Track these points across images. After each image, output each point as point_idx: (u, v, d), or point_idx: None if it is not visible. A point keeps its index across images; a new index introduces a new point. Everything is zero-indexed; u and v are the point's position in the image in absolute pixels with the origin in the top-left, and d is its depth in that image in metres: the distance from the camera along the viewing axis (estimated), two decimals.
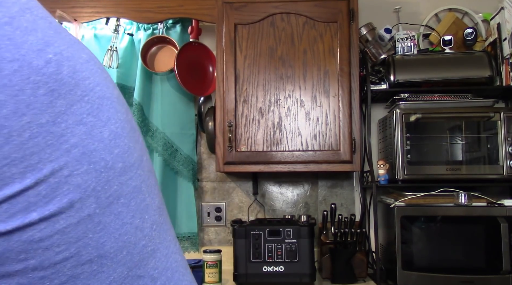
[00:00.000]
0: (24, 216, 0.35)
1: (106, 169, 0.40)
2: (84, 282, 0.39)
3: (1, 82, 0.33)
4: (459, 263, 1.93)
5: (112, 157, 0.41)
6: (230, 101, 2.08)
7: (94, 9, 2.29)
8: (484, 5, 2.40)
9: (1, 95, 0.33)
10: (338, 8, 2.09)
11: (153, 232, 0.45)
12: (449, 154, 2.04)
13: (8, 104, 0.34)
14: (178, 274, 0.48)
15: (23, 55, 0.34)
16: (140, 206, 0.44)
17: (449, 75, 2.11)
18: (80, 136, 0.38)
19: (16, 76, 0.34)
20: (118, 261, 0.41)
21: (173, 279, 0.47)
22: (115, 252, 0.41)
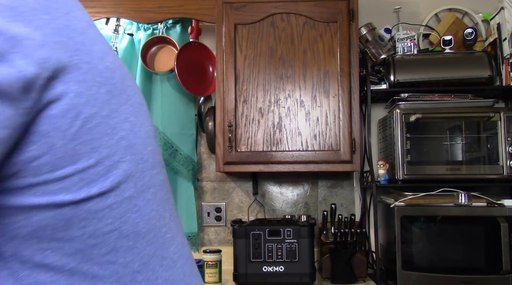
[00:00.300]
0: (88, 190, 0.44)
1: (142, 161, 0.50)
2: (122, 255, 0.48)
3: (80, 77, 0.44)
4: (459, 263, 1.93)
5: (146, 152, 0.51)
6: (230, 101, 2.08)
7: (94, 9, 2.29)
8: (484, 5, 2.40)
9: (81, 88, 0.44)
10: (338, 8, 2.09)
11: (171, 222, 0.55)
12: (449, 154, 2.04)
13: (84, 96, 0.44)
14: (191, 261, 0.59)
15: (92, 59, 0.46)
16: (164, 198, 0.53)
17: (449, 75, 2.11)
18: (126, 131, 0.48)
19: (88, 75, 0.44)
20: (148, 241, 0.50)
21: (187, 264, 0.57)
22: (145, 232, 0.50)
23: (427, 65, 2.14)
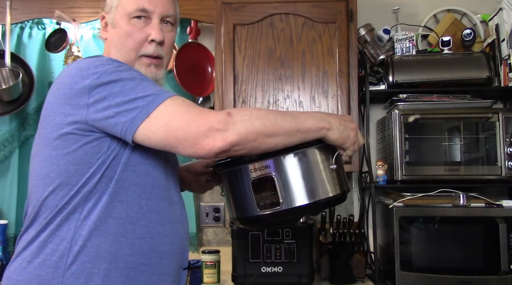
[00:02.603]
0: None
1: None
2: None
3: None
4: (458, 263, 1.93)
5: None
6: (229, 102, 2.08)
7: (92, 9, 2.29)
8: (483, 6, 2.40)
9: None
10: (337, 9, 2.09)
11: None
12: (448, 155, 2.04)
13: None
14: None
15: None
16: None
17: (448, 76, 2.11)
18: None
19: None
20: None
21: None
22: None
23: (425, 66, 2.14)
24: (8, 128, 2.36)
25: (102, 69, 1.00)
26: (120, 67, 1.03)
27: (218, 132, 0.93)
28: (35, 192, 1.06)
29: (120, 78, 0.99)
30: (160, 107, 0.96)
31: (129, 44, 1.14)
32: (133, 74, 1.02)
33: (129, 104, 0.97)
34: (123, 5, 1.15)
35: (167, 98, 0.97)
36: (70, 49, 2.30)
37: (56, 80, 1.09)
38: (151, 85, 1.01)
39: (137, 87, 0.98)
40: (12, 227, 2.33)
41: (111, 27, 1.17)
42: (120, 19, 1.15)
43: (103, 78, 0.99)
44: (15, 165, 2.35)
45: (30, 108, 2.38)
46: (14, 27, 2.35)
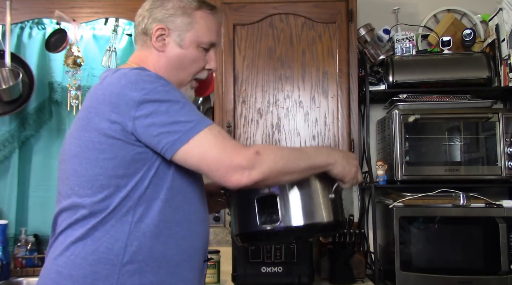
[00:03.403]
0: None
1: None
2: None
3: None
4: (458, 263, 1.93)
5: None
6: (229, 102, 2.08)
7: (92, 9, 2.29)
8: (483, 6, 2.40)
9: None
10: (337, 9, 2.09)
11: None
12: (448, 155, 2.04)
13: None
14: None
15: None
16: None
17: (448, 76, 2.11)
18: None
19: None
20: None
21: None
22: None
23: (425, 66, 2.14)
24: (8, 128, 2.36)
25: (151, 86, 1.07)
26: (166, 86, 1.10)
27: (245, 170, 1.04)
28: (78, 191, 1.12)
29: (167, 99, 1.07)
30: (200, 135, 1.05)
31: (192, 69, 1.26)
32: (178, 96, 1.09)
33: (172, 127, 1.05)
34: (198, 33, 1.24)
35: (206, 126, 1.07)
36: (70, 49, 2.30)
37: (98, 86, 1.15)
38: (193, 110, 1.09)
39: (181, 110, 1.07)
40: (12, 227, 2.33)
41: (176, 46, 1.23)
42: (190, 44, 1.23)
43: (151, 96, 1.06)
44: (15, 165, 2.36)
45: (30, 108, 2.39)
46: (14, 27, 2.36)
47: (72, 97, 2.32)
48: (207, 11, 1.26)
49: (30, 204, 2.41)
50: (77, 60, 2.30)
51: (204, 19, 1.25)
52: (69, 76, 2.33)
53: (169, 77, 1.22)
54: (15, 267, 2.26)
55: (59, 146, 2.43)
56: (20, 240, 2.31)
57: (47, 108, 2.43)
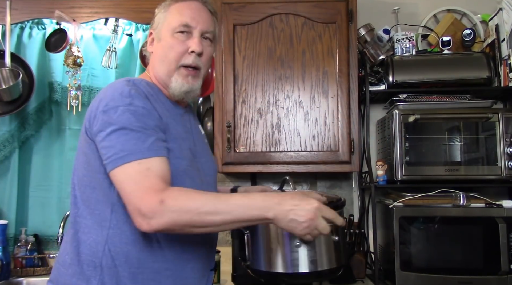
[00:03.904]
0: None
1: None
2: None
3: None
4: (458, 263, 1.93)
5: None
6: (229, 102, 2.08)
7: (92, 9, 2.29)
8: (483, 6, 2.40)
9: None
10: (337, 9, 2.09)
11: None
12: (448, 155, 2.04)
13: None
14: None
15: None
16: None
17: (448, 76, 2.11)
18: None
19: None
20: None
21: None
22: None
23: (425, 66, 2.14)
24: (8, 128, 2.36)
25: (114, 103, 1.11)
26: (129, 106, 1.11)
27: (144, 218, 1.02)
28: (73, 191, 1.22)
29: (116, 122, 1.09)
30: (125, 166, 1.06)
31: (171, 55, 1.24)
32: (131, 120, 1.09)
33: (109, 149, 1.09)
34: (168, 21, 1.26)
35: (136, 160, 1.06)
36: (70, 49, 2.30)
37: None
38: (134, 139, 1.08)
39: (125, 135, 1.08)
40: (12, 227, 2.33)
41: (157, 41, 1.28)
42: (165, 34, 1.26)
43: (106, 115, 1.11)
44: (15, 165, 2.36)
45: (30, 108, 2.39)
46: (14, 27, 2.36)
47: (72, 97, 2.32)
48: (181, 1, 1.28)
49: (30, 204, 2.41)
50: (77, 60, 2.30)
51: (177, 8, 1.27)
52: (69, 76, 2.33)
53: (158, 72, 1.27)
54: (15, 267, 2.26)
55: (59, 146, 2.43)
56: (20, 240, 2.31)
57: (47, 108, 2.43)
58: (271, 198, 1.05)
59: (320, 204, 1.05)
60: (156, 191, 1.03)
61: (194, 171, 1.23)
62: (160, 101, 1.22)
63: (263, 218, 1.04)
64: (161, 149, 1.11)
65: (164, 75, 1.26)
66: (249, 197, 1.07)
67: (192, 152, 1.25)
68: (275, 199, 1.04)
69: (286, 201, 1.03)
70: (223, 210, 1.03)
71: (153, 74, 1.29)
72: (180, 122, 1.26)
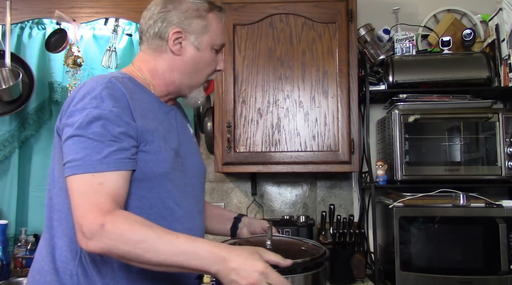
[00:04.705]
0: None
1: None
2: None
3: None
4: (458, 263, 1.93)
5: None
6: (229, 102, 2.08)
7: (92, 9, 2.29)
8: (483, 6, 2.40)
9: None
10: (337, 9, 2.09)
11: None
12: (448, 155, 2.04)
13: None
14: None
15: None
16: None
17: (448, 76, 2.11)
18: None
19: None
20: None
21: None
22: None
23: (425, 66, 2.14)
24: (8, 128, 2.36)
25: (84, 106, 1.05)
26: (93, 110, 1.04)
27: (84, 237, 0.96)
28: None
29: (79, 128, 1.03)
30: (78, 177, 1.00)
31: (207, 71, 1.26)
32: (92, 127, 1.03)
33: (65, 155, 1.04)
34: (213, 36, 1.24)
35: (91, 172, 1.00)
36: (70, 49, 2.30)
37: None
38: (90, 149, 1.02)
39: (81, 144, 1.03)
40: (12, 227, 2.33)
41: (194, 49, 1.23)
42: (206, 46, 1.23)
43: (71, 118, 1.06)
44: (15, 165, 2.36)
45: (30, 108, 2.39)
46: (14, 27, 2.36)
47: None
48: (217, 13, 1.26)
49: (30, 204, 2.41)
50: (77, 60, 2.30)
51: (215, 21, 1.25)
52: (69, 76, 2.33)
53: (182, 80, 1.23)
54: (15, 267, 2.26)
55: None
56: (20, 240, 2.31)
57: (47, 108, 2.43)
58: (219, 250, 0.96)
59: (267, 268, 0.95)
60: (101, 211, 0.97)
61: (177, 172, 1.18)
62: (141, 100, 1.15)
63: (205, 270, 0.97)
64: (119, 161, 1.03)
65: (187, 86, 1.25)
66: (195, 244, 0.97)
67: (177, 152, 1.19)
68: (222, 252, 0.96)
69: (232, 258, 0.95)
70: (165, 252, 0.95)
71: (168, 77, 1.23)
72: (164, 121, 1.21)
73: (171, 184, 1.15)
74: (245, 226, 1.49)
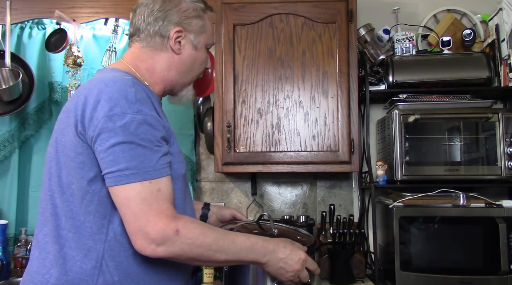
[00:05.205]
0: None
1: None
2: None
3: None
4: (458, 263, 1.93)
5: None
6: (229, 102, 2.08)
7: (92, 9, 2.29)
8: (483, 6, 2.40)
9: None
10: (337, 9, 2.09)
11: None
12: (448, 155, 2.04)
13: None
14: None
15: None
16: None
17: (448, 76, 2.11)
18: None
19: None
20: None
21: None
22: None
23: (425, 66, 2.14)
24: (8, 128, 2.36)
25: (121, 110, 1.02)
26: (137, 116, 1.02)
27: (153, 243, 0.98)
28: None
29: (124, 132, 1.01)
30: (132, 185, 1.00)
31: (200, 69, 1.31)
32: (139, 133, 1.02)
33: (112, 163, 1.00)
34: (208, 36, 1.29)
35: (145, 180, 1.00)
36: (70, 49, 2.30)
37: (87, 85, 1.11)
38: (142, 156, 1.01)
39: (131, 150, 1.01)
40: (12, 227, 2.33)
41: (192, 48, 1.25)
42: (203, 46, 1.28)
43: (114, 123, 1.01)
44: (15, 165, 2.36)
45: (30, 108, 2.39)
46: (14, 27, 2.36)
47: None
48: (209, 13, 1.30)
49: (30, 204, 2.42)
50: (77, 60, 2.30)
51: (209, 21, 1.29)
52: (69, 76, 2.33)
53: (178, 79, 1.25)
54: (15, 267, 2.26)
55: None
56: (20, 240, 2.31)
57: (47, 108, 2.43)
58: (268, 243, 1.12)
59: (306, 256, 1.17)
60: (169, 217, 1.00)
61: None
62: (157, 101, 1.16)
63: (258, 261, 1.11)
64: (167, 166, 1.05)
65: (180, 83, 1.26)
66: (251, 240, 1.10)
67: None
68: (270, 245, 1.12)
69: (280, 249, 1.13)
70: (230, 250, 1.06)
71: (165, 76, 1.23)
72: (167, 120, 1.20)
73: (184, 184, 1.20)
74: (214, 214, 1.56)
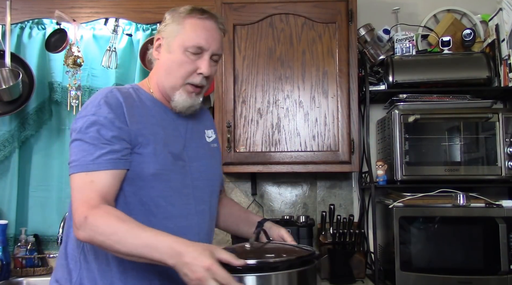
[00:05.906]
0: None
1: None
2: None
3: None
4: (458, 263, 1.93)
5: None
6: (229, 102, 2.08)
7: (93, 9, 2.29)
8: (483, 6, 2.40)
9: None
10: (337, 9, 2.09)
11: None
12: (448, 155, 2.04)
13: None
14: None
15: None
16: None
17: (448, 76, 2.11)
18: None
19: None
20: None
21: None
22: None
23: (425, 66, 2.14)
24: (8, 128, 2.36)
25: (85, 113, 1.20)
26: (90, 117, 1.18)
27: (75, 227, 1.11)
28: None
29: (78, 133, 1.18)
30: (75, 176, 1.15)
31: (180, 72, 1.27)
32: (88, 132, 1.17)
33: (69, 156, 1.18)
34: (183, 37, 1.26)
35: (84, 171, 1.14)
36: (70, 49, 2.30)
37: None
38: (85, 151, 1.16)
39: (77, 148, 1.17)
40: (12, 227, 2.33)
41: (166, 52, 1.29)
42: (177, 48, 1.27)
43: (75, 124, 1.20)
44: (15, 165, 2.36)
45: (30, 108, 2.39)
46: (14, 27, 2.36)
47: (72, 97, 2.32)
48: (197, 17, 1.28)
49: (30, 204, 2.41)
50: (77, 60, 2.30)
51: (191, 25, 1.27)
52: (69, 76, 2.33)
53: (163, 82, 1.30)
54: (15, 267, 2.26)
55: (59, 145, 2.43)
56: (20, 240, 2.31)
57: (47, 108, 2.43)
58: (178, 245, 1.03)
59: (213, 265, 0.99)
60: (89, 205, 1.10)
61: (174, 174, 1.25)
62: (143, 108, 1.25)
63: (165, 262, 1.04)
64: (109, 161, 1.15)
65: (169, 87, 1.28)
66: (158, 238, 1.05)
67: (177, 155, 1.27)
68: (180, 247, 1.03)
69: (187, 253, 1.01)
70: (131, 244, 1.05)
71: (156, 82, 1.31)
72: (169, 126, 1.29)
73: (165, 184, 1.23)
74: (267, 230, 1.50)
